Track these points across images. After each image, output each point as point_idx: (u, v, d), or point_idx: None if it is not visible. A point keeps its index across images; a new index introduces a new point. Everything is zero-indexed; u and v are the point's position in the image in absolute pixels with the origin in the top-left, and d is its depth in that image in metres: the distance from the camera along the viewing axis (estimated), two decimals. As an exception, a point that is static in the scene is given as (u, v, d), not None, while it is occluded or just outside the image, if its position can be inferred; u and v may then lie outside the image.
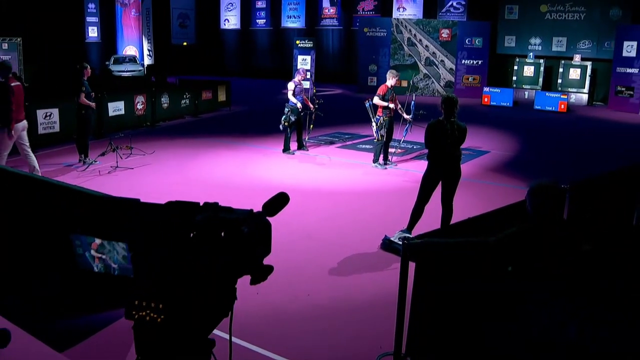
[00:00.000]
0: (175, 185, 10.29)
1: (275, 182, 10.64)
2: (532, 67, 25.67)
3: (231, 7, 37.22)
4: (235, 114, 19.82)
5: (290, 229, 7.89)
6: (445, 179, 7.33)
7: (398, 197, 9.56)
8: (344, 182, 10.81)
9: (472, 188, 10.39)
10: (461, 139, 7.22)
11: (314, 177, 11.10)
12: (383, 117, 11.47)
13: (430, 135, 7.27)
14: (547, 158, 13.43)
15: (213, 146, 13.84)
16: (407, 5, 29.93)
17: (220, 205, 2.17)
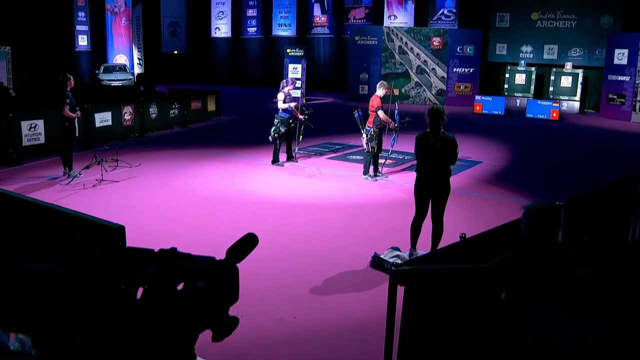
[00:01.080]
0: (161, 199, 10.06)
1: (263, 195, 10.42)
2: (524, 75, 25.63)
3: (222, 15, 37.06)
4: (225, 123, 19.60)
5: (277, 246, 7.69)
6: (433, 193, 7.12)
7: (388, 210, 9.36)
8: (333, 195, 10.60)
9: (464, 200, 10.22)
10: (447, 150, 6.96)
11: (303, 189, 10.89)
12: (373, 129, 11.27)
13: (416, 147, 7.07)
14: (539, 168, 13.26)
15: (201, 158, 13.61)
16: (398, 14, 29.83)
17: (179, 252, 1.92)
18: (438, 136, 6.95)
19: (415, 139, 7.12)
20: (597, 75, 24.53)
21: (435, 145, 6.91)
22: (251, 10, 35.81)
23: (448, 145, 6.94)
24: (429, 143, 6.94)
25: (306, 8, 33.42)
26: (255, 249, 2.57)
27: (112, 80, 28.80)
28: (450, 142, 6.95)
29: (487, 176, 12.25)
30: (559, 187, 11.34)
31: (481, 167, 13.11)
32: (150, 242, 7.51)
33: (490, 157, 14.20)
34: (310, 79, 29.51)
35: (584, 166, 13.45)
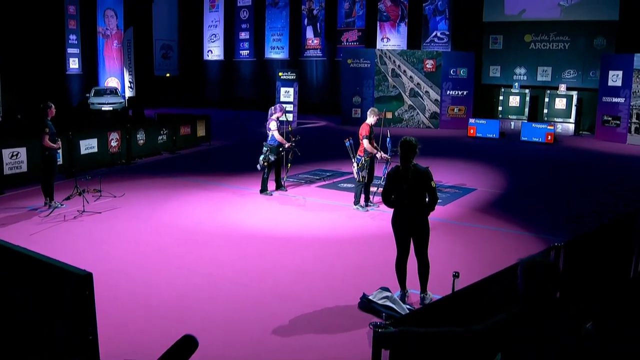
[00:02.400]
0: (143, 233, 9.67)
1: (249, 228, 10.04)
2: (518, 97, 25.50)
3: (214, 38, 37.01)
4: (215, 149, 19.27)
5: (260, 289, 7.32)
6: (412, 231, 6.74)
7: (379, 244, 8.98)
8: (322, 226, 10.23)
9: (457, 232, 9.88)
10: (421, 184, 6.58)
11: (291, 221, 10.51)
12: (364, 157, 10.95)
13: (387, 183, 6.74)
14: (535, 195, 12.93)
15: (188, 186, 13.25)
16: (391, 36, 29.75)
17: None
18: (408, 169, 6.58)
19: (386, 175, 6.78)
20: (591, 97, 24.42)
21: (407, 179, 6.54)
22: (244, 33, 35.80)
23: (421, 178, 6.56)
24: (401, 177, 6.58)
25: (299, 31, 33.39)
26: (238, 291, 2.20)
27: (103, 103, 28.54)
28: (424, 175, 6.58)
29: (482, 204, 11.91)
30: (555, 217, 11.01)
31: (475, 194, 12.77)
32: (124, 284, 7.14)
33: (484, 184, 13.88)
34: (303, 102, 29.41)
35: (580, 192, 13.13)
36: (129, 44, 29.71)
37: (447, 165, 16.28)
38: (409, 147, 6.62)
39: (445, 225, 10.16)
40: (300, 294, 7.19)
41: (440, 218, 10.48)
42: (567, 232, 9.74)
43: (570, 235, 9.44)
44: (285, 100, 26.06)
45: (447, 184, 13.68)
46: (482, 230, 10.06)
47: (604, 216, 10.92)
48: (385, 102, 25.71)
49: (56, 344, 4.68)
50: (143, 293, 7.17)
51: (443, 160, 17.05)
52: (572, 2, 25.24)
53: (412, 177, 6.55)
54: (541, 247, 8.90)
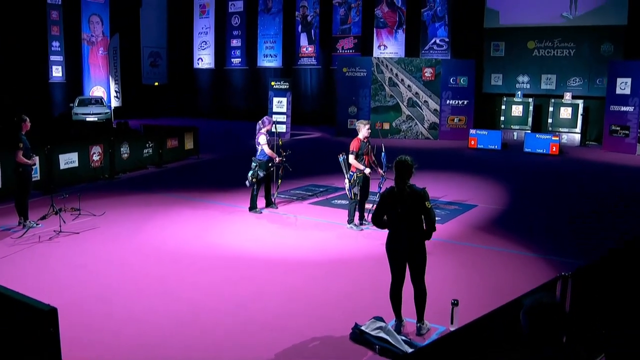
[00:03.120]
0: (123, 255, 9.42)
1: (236, 249, 9.81)
2: (521, 107, 25.37)
3: (205, 45, 36.86)
4: (203, 163, 19.05)
5: (247, 318, 7.08)
6: (407, 257, 6.50)
7: (373, 266, 8.74)
8: (313, 247, 9.99)
9: (457, 252, 9.66)
10: (416, 205, 6.37)
11: (281, 242, 10.27)
12: (357, 174, 10.74)
13: (380, 205, 6.52)
14: (540, 212, 12.72)
15: (173, 203, 13.01)
16: (388, 43, 29.62)
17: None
18: (403, 191, 6.36)
19: (380, 196, 6.56)
20: (598, 105, 24.26)
21: (402, 201, 6.32)
22: (235, 40, 35.65)
23: (417, 199, 6.34)
24: (395, 199, 6.36)
25: (292, 38, 33.25)
26: (221, 320, 1.98)
27: (88, 114, 28.28)
28: (420, 196, 6.36)
29: (483, 222, 11.69)
30: (561, 236, 10.79)
31: (476, 211, 12.55)
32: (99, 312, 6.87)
33: (486, 199, 13.68)
34: (297, 112, 29.28)
35: (587, 208, 12.92)
36: (114, 51, 29.44)
37: (446, 180, 16.10)
38: (404, 167, 6.41)
39: (443, 246, 9.93)
40: (287, 323, 6.95)
41: (439, 237, 10.17)
42: (575, 254, 9.54)
43: (577, 257, 9.24)
44: (278, 110, 25.91)
45: (446, 199, 13.47)
46: (483, 250, 9.84)
47: (613, 233, 10.71)
48: (382, 112, 25.62)
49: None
50: (119, 322, 6.92)
51: (442, 174, 16.87)
52: (576, 14, 25.13)
53: (408, 199, 6.32)
54: (547, 270, 8.69)
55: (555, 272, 8.52)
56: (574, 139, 24.13)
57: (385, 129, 25.16)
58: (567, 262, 9.05)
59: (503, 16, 26.70)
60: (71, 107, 29.13)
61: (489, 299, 7.56)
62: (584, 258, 9.19)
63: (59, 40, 31.77)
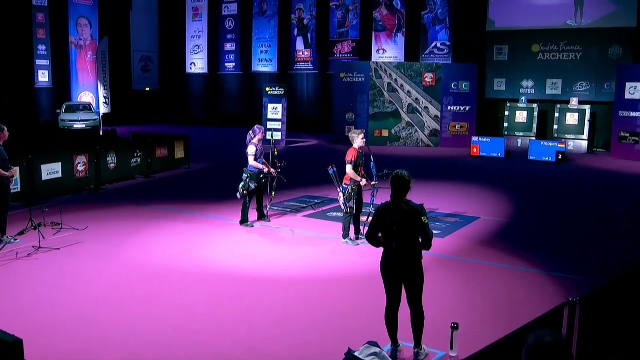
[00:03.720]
0: (105, 273, 9.20)
1: (225, 267, 9.59)
2: (525, 113, 25.28)
3: (198, 50, 36.79)
4: (194, 173, 18.88)
5: (232, 342, 6.85)
6: (403, 278, 6.29)
7: (368, 285, 8.51)
8: (306, 264, 9.78)
9: (458, 269, 9.46)
10: (412, 223, 6.15)
11: (272, 258, 10.06)
12: (351, 186, 10.54)
13: (375, 221, 6.32)
14: (545, 224, 12.54)
15: (161, 216, 12.81)
16: (388, 47, 29.54)
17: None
18: (400, 208, 6.15)
19: (375, 212, 6.36)
20: (606, 111, 24.17)
21: (398, 217, 6.12)
22: (229, 44, 35.58)
23: (414, 217, 6.13)
24: (391, 216, 6.16)
25: (288, 42, 33.22)
26: (206, 344, 1.79)
27: (75, 121, 28.11)
28: (416, 212, 6.14)
29: (485, 236, 11.49)
30: (568, 250, 10.59)
31: (478, 224, 12.35)
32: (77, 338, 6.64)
33: (489, 211, 13.48)
34: (293, 119, 29.27)
35: (596, 220, 12.74)
36: (103, 55, 29.35)
37: (447, 190, 15.98)
38: (401, 183, 6.21)
39: (443, 262, 9.74)
40: (277, 348, 6.73)
41: (438, 253, 10.05)
42: (583, 271, 9.34)
43: (586, 275, 9.05)
44: (273, 117, 25.86)
45: (446, 211, 13.28)
46: (486, 267, 9.62)
47: (624, 248, 10.52)
48: (381, 119, 25.57)
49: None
50: (97, 346, 6.70)
51: (443, 184, 16.77)
52: (582, 23, 25.01)
53: (404, 216, 6.12)
54: (553, 288, 8.49)
55: (562, 290, 8.35)
56: (581, 146, 24.03)
57: (384, 136, 25.09)
58: (575, 280, 8.87)
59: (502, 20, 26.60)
60: (58, 113, 28.96)
61: (492, 321, 7.37)
62: (593, 276, 9.00)
63: (46, 44, 31.67)
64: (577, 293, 8.18)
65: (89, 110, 29.68)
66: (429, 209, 13.39)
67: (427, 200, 14.21)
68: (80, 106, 30.09)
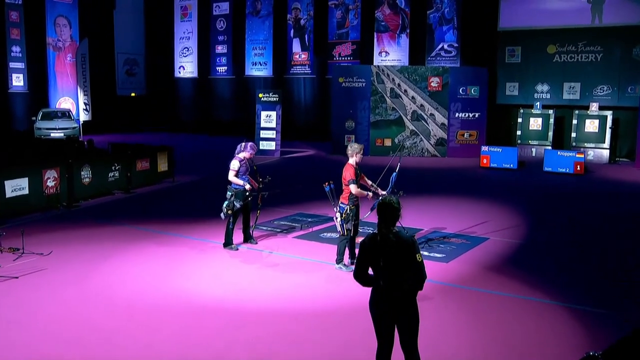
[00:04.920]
0: (67, 306, 8.77)
1: (204, 297, 9.16)
2: (540, 120, 25.16)
3: (187, 52, 36.73)
4: (179, 187, 18.55)
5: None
6: (394, 320, 5.84)
7: (363, 319, 8.05)
8: (295, 295, 9.36)
9: (462, 299, 9.06)
10: (401, 258, 5.69)
11: (257, 288, 9.62)
12: (349, 206, 10.14)
13: (361, 255, 5.88)
14: (563, 245, 12.15)
15: (137, 238, 12.41)
16: (391, 50, 29.45)
17: None
18: (387, 239, 5.72)
19: (360, 244, 5.92)
20: (630, 117, 24.10)
21: (386, 251, 5.68)
22: (221, 46, 35.49)
23: (404, 250, 5.69)
24: (378, 249, 5.73)
25: (284, 44, 33.15)
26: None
27: (52, 129, 27.77)
28: (407, 246, 5.70)
29: (495, 260, 11.07)
30: (589, 277, 10.17)
31: (487, 246, 11.95)
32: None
33: (499, 231, 13.09)
34: (288, 127, 29.35)
35: (620, 238, 12.34)
36: (83, 58, 29.06)
37: (453, 206, 15.71)
38: (388, 210, 5.77)
39: (446, 291, 9.33)
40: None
41: (439, 280, 9.71)
42: (606, 302, 8.91)
43: (609, 307, 8.62)
44: (266, 125, 25.66)
45: (452, 231, 12.91)
46: (494, 297, 9.18)
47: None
48: (384, 127, 25.49)
49: None
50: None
51: (449, 199, 16.52)
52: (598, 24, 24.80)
53: (393, 249, 5.67)
54: (571, 323, 8.08)
55: (581, 327, 7.93)
56: (602, 156, 23.88)
57: (387, 145, 24.91)
58: (595, 313, 8.46)
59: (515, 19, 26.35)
60: (33, 120, 28.61)
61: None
62: (617, 308, 8.58)
63: (20, 45, 31.40)
64: (599, 331, 7.80)
65: (68, 118, 29.35)
66: (433, 228, 13.07)
67: (431, 218, 13.96)
68: (58, 113, 29.79)
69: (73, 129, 28.52)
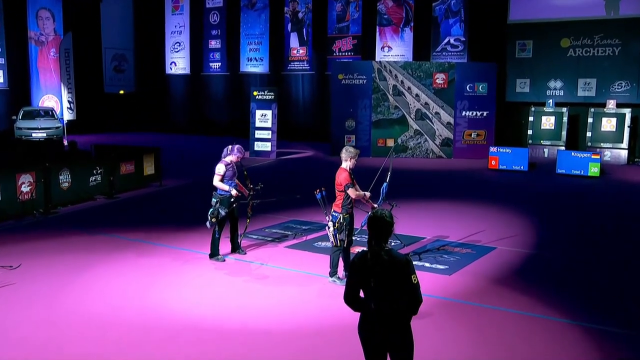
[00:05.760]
0: (35, 324, 8.47)
1: (185, 315, 8.85)
2: (553, 118, 25.11)
3: (179, 47, 36.71)
4: (166, 192, 18.37)
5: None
6: (386, 347, 5.50)
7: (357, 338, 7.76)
8: (285, 311, 9.06)
9: (465, 316, 8.78)
10: (394, 280, 5.35)
11: (243, 305, 9.31)
12: (342, 215, 9.84)
13: (351, 276, 5.56)
14: (578, 255, 11.88)
15: (117, 248, 12.13)
16: (394, 44, 29.40)
17: None
18: (379, 257, 5.37)
19: (350, 264, 5.59)
20: (650, 114, 23.98)
21: (377, 270, 5.34)
22: (214, 41, 35.44)
23: (398, 271, 5.34)
24: (369, 268, 5.39)
25: (281, 39, 33.12)
26: None
27: (34, 129, 27.55)
28: (401, 266, 5.34)
29: (502, 272, 10.76)
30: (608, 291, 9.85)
31: (494, 256, 11.65)
32: None
33: (507, 240, 12.80)
34: (286, 126, 29.44)
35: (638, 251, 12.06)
36: (67, 53, 28.81)
37: (459, 211, 15.49)
38: (380, 225, 5.42)
39: (448, 307, 9.05)
40: None
41: (441, 295, 9.43)
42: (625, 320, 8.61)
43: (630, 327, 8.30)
44: (261, 125, 25.54)
45: (457, 240, 12.65)
46: (500, 314, 8.88)
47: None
48: (386, 126, 25.43)
49: None
50: None
51: (454, 204, 16.33)
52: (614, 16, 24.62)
53: (384, 268, 5.33)
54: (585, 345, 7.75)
55: (597, 349, 7.59)
56: (620, 157, 23.81)
57: (389, 146, 24.70)
58: (614, 332, 8.16)
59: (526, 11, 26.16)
60: (14, 120, 28.36)
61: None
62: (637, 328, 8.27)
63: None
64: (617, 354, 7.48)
65: (51, 117, 29.14)
66: (436, 236, 12.83)
67: (434, 225, 13.68)
68: (40, 112, 29.59)
69: (56, 129, 28.30)
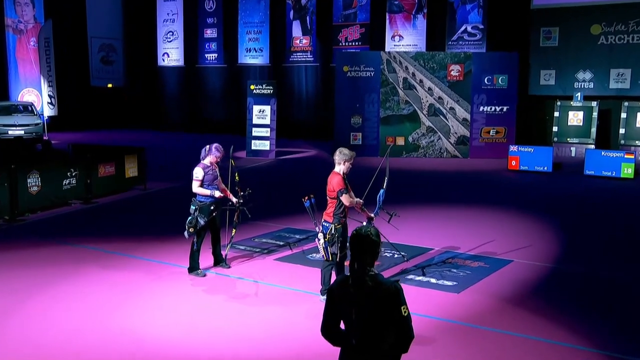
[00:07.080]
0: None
1: (153, 341, 8.46)
2: (581, 114, 25.01)
3: (171, 36, 36.97)
4: (149, 196, 18.21)
5: None
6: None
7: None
8: (270, 336, 8.64)
9: (473, 341, 8.37)
10: (380, 311, 4.84)
11: (223, 329, 8.93)
12: (334, 225, 9.48)
13: (327, 306, 5.08)
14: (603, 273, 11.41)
15: (86, 260, 11.80)
16: (405, 33, 29.47)
17: None
18: (363, 284, 4.84)
19: (327, 292, 5.12)
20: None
21: (358, 300, 4.81)
22: (210, 30, 35.55)
23: (384, 300, 4.81)
24: (349, 296, 4.90)
25: (282, 27, 33.21)
26: None
27: (11, 126, 27.31)
28: (389, 295, 4.82)
29: (518, 291, 10.34)
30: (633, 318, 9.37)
31: (510, 271, 11.24)
32: None
33: (525, 251, 12.42)
34: (287, 122, 29.61)
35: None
36: (46, 42, 28.56)
37: (473, 218, 15.21)
38: (365, 245, 4.89)
39: (454, 331, 8.67)
40: None
41: (447, 317, 9.05)
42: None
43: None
44: (259, 122, 25.46)
45: (468, 251, 12.31)
46: (516, 340, 8.44)
47: None
48: (395, 123, 25.40)
49: None
50: None
51: (468, 210, 16.10)
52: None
53: (369, 298, 4.79)
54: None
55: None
56: (657, 156, 23.76)
57: (399, 144, 24.63)
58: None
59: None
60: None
61: None
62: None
63: (-26, 30, 31.30)
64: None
65: (30, 113, 28.94)
66: (446, 247, 12.47)
67: (444, 233, 13.28)
68: (19, 107, 29.43)
69: (36, 125, 28.09)
